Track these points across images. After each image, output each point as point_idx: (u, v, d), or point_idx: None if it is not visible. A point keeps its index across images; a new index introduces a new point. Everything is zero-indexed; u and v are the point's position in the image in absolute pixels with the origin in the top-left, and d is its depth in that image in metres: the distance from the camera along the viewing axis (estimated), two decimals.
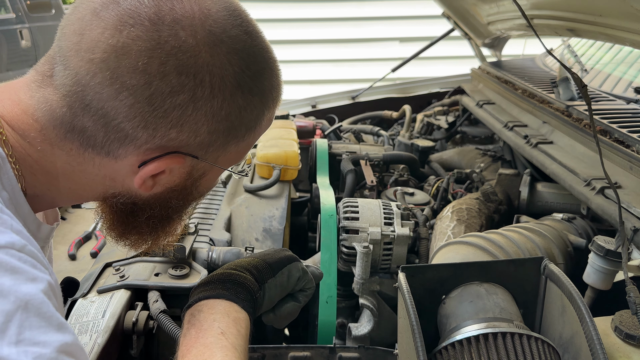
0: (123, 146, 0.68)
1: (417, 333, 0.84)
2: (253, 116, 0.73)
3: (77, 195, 0.76)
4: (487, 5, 2.31)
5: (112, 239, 0.82)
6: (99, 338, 1.03)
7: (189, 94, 0.66)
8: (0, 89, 0.72)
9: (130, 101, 0.64)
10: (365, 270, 1.35)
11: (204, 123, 0.69)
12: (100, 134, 0.67)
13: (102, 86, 0.64)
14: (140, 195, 0.76)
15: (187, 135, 0.69)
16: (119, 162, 0.70)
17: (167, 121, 0.67)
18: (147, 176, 0.71)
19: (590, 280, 1.23)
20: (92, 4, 0.65)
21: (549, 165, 1.66)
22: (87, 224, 4.26)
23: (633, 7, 1.33)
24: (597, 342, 0.80)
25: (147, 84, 0.64)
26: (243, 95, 0.70)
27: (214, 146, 0.72)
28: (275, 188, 1.78)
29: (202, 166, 0.75)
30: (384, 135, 2.63)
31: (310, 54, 5.94)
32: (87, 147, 0.69)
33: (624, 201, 1.30)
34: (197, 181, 0.78)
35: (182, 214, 0.84)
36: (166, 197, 0.77)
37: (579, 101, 1.88)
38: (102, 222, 0.81)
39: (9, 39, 5.44)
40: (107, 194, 0.76)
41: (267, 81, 0.73)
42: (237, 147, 0.76)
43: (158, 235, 0.84)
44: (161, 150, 0.70)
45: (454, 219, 1.59)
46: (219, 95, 0.68)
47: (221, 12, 0.68)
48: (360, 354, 1.23)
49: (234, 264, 0.92)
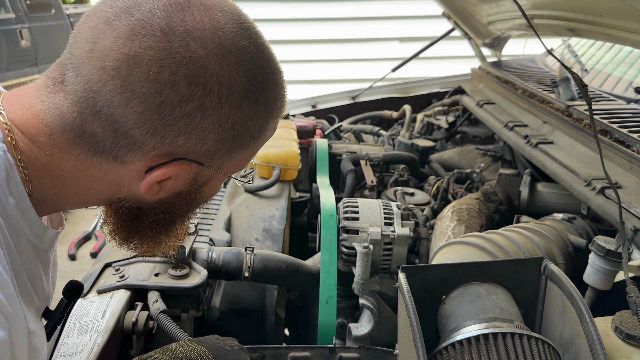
0: (131, 152, 0.70)
1: (417, 333, 0.84)
2: (258, 125, 0.75)
3: (83, 199, 0.77)
4: (487, 5, 2.31)
5: (116, 242, 0.84)
6: (99, 338, 1.03)
7: (197, 103, 0.67)
8: (11, 94, 0.73)
9: (141, 109, 0.66)
10: (366, 271, 1.35)
11: (210, 131, 0.70)
12: (109, 139, 0.68)
13: (113, 93, 0.65)
14: (145, 200, 0.77)
15: (194, 142, 0.71)
16: (126, 167, 0.72)
17: (176, 129, 0.68)
18: (154, 182, 0.73)
19: (590, 281, 1.23)
20: (105, 13, 0.67)
21: (549, 165, 1.66)
22: (87, 224, 4.26)
23: (633, 7, 1.33)
24: (598, 342, 0.80)
25: (158, 93, 0.65)
26: (249, 105, 0.72)
27: (219, 153, 0.74)
28: (275, 188, 1.78)
29: (206, 173, 0.77)
30: (384, 135, 2.63)
31: (310, 53, 5.94)
32: (96, 152, 0.70)
33: (624, 201, 1.30)
34: (201, 187, 0.79)
35: (185, 219, 0.86)
36: (171, 202, 0.79)
37: (579, 101, 1.88)
38: (106, 225, 0.82)
39: (9, 39, 5.44)
40: (112, 198, 0.77)
41: (272, 92, 0.75)
42: (241, 155, 0.78)
43: (160, 240, 0.85)
44: (168, 156, 0.71)
45: (454, 219, 1.59)
46: (226, 105, 0.69)
47: (230, 25, 0.69)
48: (360, 354, 1.23)
49: (181, 352, 0.90)
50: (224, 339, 0.99)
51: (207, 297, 1.37)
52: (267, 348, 1.23)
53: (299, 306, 1.83)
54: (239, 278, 1.35)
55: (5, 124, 0.69)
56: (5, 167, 0.66)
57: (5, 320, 0.61)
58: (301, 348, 1.24)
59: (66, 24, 6.27)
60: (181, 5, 0.67)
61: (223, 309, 1.43)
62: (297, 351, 1.23)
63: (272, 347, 1.23)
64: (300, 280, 1.43)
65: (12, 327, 0.63)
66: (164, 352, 0.90)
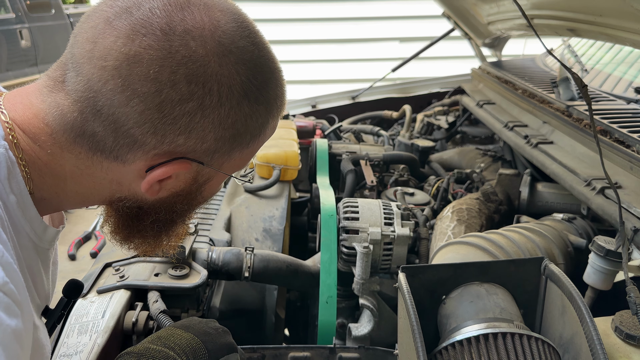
0: (132, 151, 0.70)
1: (417, 333, 0.84)
2: (258, 124, 0.75)
3: (84, 198, 0.78)
4: (487, 5, 2.31)
5: (116, 242, 0.84)
6: (99, 338, 1.03)
7: (197, 102, 0.68)
8: (13, 93, 0.74)
9: (141, 108, 0.66)
10: (366, 271, 1.35)
11: (210, 130, 0.70)
12: (110, 138, 0.69)
13: (114, 93, 0.66)
14: (146, 199, 0.77)
15: (195, 141, 0.71)
16: (126, 166, 0.72)
17: (176, 128, 0.69)
18: (154, 181, 0.73)
19: (590, 281, 1.23)
20: (105, 13, 0.67)
21: (549, 165, 1.66)
22: (87, 224, 4.26)
23: (633, 7, 1.33)
24: (598, 343, 0.80)
25: (158, 92, 0.66)
26: (249, 104, 0.72)
27: (219, 152, 0.74)
28: (275, 188, 1.78)
29: (207, 172, 0.77)
30: (384, 135, 2.63)
31: (310, 53, 5.94)
32: (96, 151, 0.70)
33: (624, 201, 1.30)
34: (201, 186, 0.80)
35: (185, 219, 0.86)
36: (171, 201, 0.79)
37: (579, 101, 1.88)
38: (106, 225, 0.82)
39: (9, 39, 5.44)
40: (113, 197, 0.77)
41: (272, 91, 0.75)
42: (242, 154, 0.78)
43: (161, 239, 0.86)
44: (168, 155, 0.71)
45: (454, 219, 1.59)
46: (226, 104, 0.70)
47: (230, 24, 0.70)
48: (360, 354, 1.23)
49: (172, 341, 0.90)
50: (205, 322, 0.99)
51: (207, 297, 1.37)
52: (267, 348, 1.23)
53: (299, 306, 1.83)
54: (239, 278, 1.35)
55: (6, 123, 0.69)
56: (7, 164, 0.67)
57: (18, 308, 0.61)
58: (301, 348, 1.24)
59: (66, 24, 6.27)
60: (181, 4, 0.67)
61: (223, 309, 1.43)
62: (297, 351, 1.23)
63: (272, 347, 1.23)
64: (300, 280, 1.43)
65: (24, 316, 0.63)
66: (156, 342, 0.89)
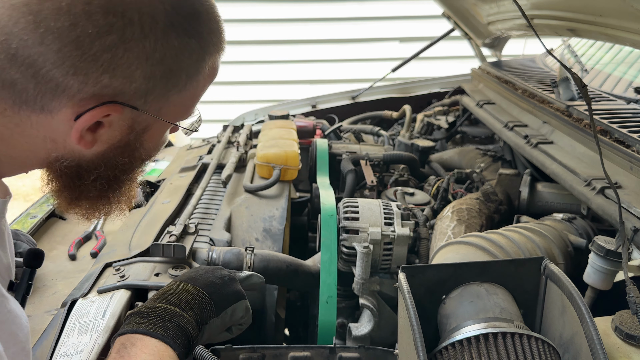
0: (56, 97, 0.66)
1: (417, 333, 0.84)
2: (192, 61, 0.71)
3: (21, 163, 0.74)
4: (487, 5, 2.31)
5: (63, 208, 0.80)
6: (99, 338, 1.03)
7: (117, 34, 0.63)
8: None
9: (57, 45, 0.62)
10: (366, 270, 1.35)
11: (137, 67, 0.66)
12: (31, 85, 0.64)
13: (26, 32, 0.62)
14: (83, 155, 0.74)
15: (122, 81, 0.67)
16: (55, 117, 0.68)
17: (98, 65, 0.64)
18: (83, 128, 0.69)
19: (590, 280, 1.23)
20: None
21: (549, 165, 1.66)
22: (87, 224, 4.25)
23: (633, 7, 1.33)
24: (598, 342, 0.80)
25: (73, 26, 0.62)
26: (178, 36, 0.68)
27: (153, 94, 0.70)
28: (275, 188, 1.78)
29: (144, 118, 0.73)
30: (384, 135, 2.63)
31: (310, 53, 5.93)
32: (21, 104, 0.66)
33: (624, 201, 1.30)
34: (140, 136, 0.75)
35: (131, 175, 0.82)
36: (110, 155, 0.75)
37: (579, 101, 1.88)
38: (49, 190, 0.78)
39: None
40: (50, 158, 0.73)
41: (204, 24, 0.71)
42: (180, 98, 0.74)
43: (109, 200, 0.81)
44: (96, 100, 0.67)
45: (454, 219, 1.59)
46: (150, 36, 0.65)
47: None
48: (360, 354, 1.23)
49: (177, 297, 0.88)
50: (212, 270, 0.96)
51: None
52: (267, 348, 1.23)
53: (299, 306, 1.83)
54: None
55: None
56: None
57: None
58: (301, 348, 1.24)
59: None
60: None
61: None
62: (297, 351, 1.23)
63: (272, 347, 1.23)
64: (301, 280, 1.43)
65: None
66: (161, 300, 0.87)
